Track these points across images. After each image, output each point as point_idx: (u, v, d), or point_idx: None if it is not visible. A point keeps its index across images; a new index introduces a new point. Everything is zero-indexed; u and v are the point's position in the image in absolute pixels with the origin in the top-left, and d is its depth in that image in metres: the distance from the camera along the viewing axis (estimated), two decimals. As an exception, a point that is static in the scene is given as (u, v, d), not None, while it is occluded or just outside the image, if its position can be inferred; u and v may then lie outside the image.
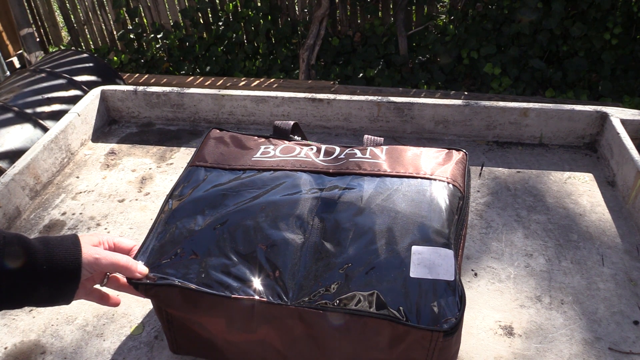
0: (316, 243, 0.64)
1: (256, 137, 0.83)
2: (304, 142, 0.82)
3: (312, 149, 0.79)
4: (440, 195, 0.68)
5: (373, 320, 0.58)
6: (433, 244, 0.62)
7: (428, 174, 0.71)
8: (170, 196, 0.73)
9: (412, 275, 0.59)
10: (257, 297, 0.60)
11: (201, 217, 0.68)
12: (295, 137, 0.86)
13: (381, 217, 0.65)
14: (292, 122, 0.86)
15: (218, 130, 0.85)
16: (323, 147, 0.80)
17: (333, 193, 0.69)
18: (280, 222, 0.66)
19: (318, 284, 0.61)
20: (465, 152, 0.78)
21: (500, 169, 1.05)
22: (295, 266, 0.62)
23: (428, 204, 0.67)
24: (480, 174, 1.03)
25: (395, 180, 0.71)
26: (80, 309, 0.79)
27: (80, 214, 0.98)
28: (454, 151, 0.77)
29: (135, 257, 0.65)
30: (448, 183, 0.70)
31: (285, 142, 0.82)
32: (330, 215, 0.66)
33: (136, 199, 1.01)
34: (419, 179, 0.70)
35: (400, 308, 0.58)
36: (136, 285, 0.63)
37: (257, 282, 0.62)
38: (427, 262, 0.60)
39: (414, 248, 0.62)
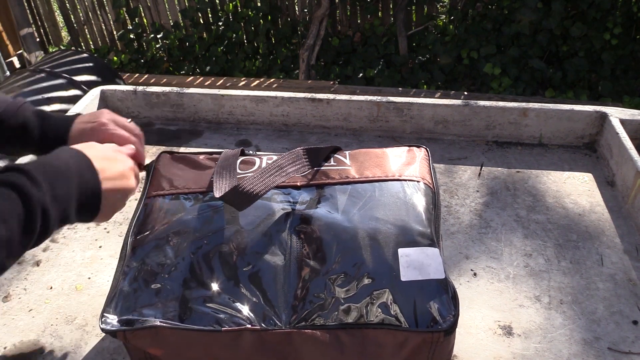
0: (299, 261, 0.61)
1: (210, 155, 0.77)
2: (261, 154, 0.77)
3: (271, 159, 0.74)
4: (415, 195, 0.67)
5: (372, 331, 0.57)
6: (418, 245, 0.61)
7: (397, 175, 0.70)
8: (131, 233, 0.68)
9: (403, 279, 0.58)
10: (249, 326, 0.57)
11: (170, 249, 0.63)
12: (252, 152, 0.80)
13: (361, 225, 0.63)
14: (239, 150, 0.79)
15: (168, 154, 0.79)
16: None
17: (306, 207, 0.66)
18: (257, 243, 0.62)
19: (310, 302, 0.59)
20: (426, 148, 0.76)
21: (499, 168, 1.05)
22: (283, 287, 0.60)
23: (405, 206, 0.66)
24: (480, 174, 1.03)
25: (367, 185, 0.69)
26: (80, 309, 0.80)
27: (80, 213, 0.98)
28: (414, 148, 0.76)
29: (105, 306, 0.60)
30: (419, 182, 0.69)
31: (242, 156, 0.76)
32: (307, 231, 0.64)
33: (136, 199, 1.01)
34: (390, 182, 0.69)
35: (398, 314, 0.57)
36: (113, 333, 0.59)
37: (245, 310, 0.58)
38: (415, 263, 0.60)
39: (401, 251, 0.61)
